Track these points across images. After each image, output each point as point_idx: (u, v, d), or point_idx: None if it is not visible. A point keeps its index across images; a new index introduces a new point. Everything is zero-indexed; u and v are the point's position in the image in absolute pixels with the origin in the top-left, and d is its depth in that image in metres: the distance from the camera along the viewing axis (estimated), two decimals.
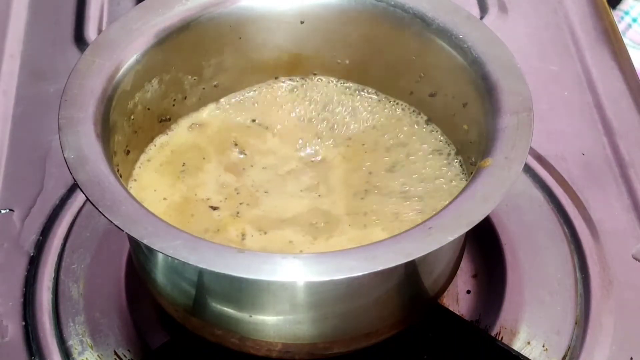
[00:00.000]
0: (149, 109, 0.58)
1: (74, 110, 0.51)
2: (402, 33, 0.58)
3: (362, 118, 0.61)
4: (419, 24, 0.57)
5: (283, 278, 0.44)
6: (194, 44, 0.58)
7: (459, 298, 0.61)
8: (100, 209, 0.46)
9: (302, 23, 0.60)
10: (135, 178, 0.57)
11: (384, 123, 0.61)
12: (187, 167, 0.58)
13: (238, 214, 0.55)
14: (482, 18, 0.81)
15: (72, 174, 0.47)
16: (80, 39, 0.79)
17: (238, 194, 0.57)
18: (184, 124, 0.60)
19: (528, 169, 0.68)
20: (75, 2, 0.83)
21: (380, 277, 0.49)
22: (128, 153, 0.56)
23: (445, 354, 0.57)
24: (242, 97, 0.62)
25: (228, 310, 0.51)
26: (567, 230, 0.65)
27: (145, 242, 0.45)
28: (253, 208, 0.56)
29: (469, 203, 0.47)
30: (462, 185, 0.54)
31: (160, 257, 0.51)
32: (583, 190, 0.67)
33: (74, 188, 0.66)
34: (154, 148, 0.59)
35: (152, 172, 0.57)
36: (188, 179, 0.57)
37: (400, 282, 0.51)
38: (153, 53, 0.56)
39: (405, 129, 0.60)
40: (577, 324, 0.59)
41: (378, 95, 0.62)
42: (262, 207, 0.56)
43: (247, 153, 0.59)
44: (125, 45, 0.55)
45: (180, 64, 0.58)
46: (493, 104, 0.52)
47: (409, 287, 0.52)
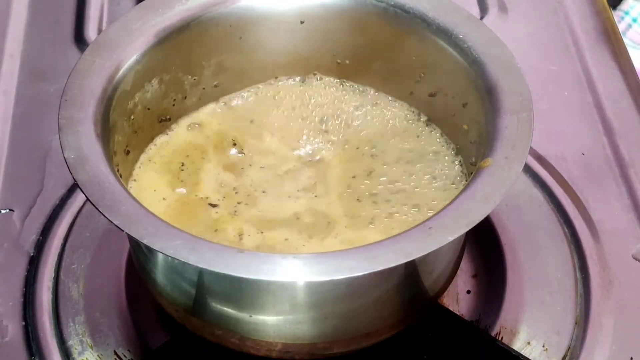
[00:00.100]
0: (149, 109, 0.57)
1: (74, 110, 0.51)
2: (402, 33, 0.58)
3: (361, 118, 0.61)
4: (419, 24, 0.57)
5: (283, 278, 0.44)
6: (194, 44, 0.58)
7: (459, 298, 0.61)
8: (100, 209, 0.46)
9: (302, 23, 0.60)
10: (135, 178, 0.57)
11: (384, 123, 0.61)
12: (186, 166, 0.58)
13: (236, 213, 0.55)
14: (482, 18, 0.81)
15: (72, 174, 0.47)
16: (80, 39, 0.79)
17: (236, 193, 0.57)
18: (184, 124, 0.60)
19: (528, 169, 0.68)
20: (75, 2, 0.83)
21: (380, 277, 0.49)
22: (128, 153, 0.56)
23: (445, 354, 0.57)
24: (242, 97, 0.62)
25: (228, 310, 0.51)
26: (567, 230, 0.65)
27: (145, 242, 0.45)
28: (251, 207, 0.56)
29: (469, 203, 0.47)
30: (462, 186, 0.54)
31: (160, 257, 0.51)
32: (583, 190, 0.67)
33: (74, 188, 0.66)
34: (154, 148, 0.59)
35: (152, 172, 0.57)
36: (187, 179, 0.57)
37: (400, 282, 0.51)
38: (153, 53, 0.56)
39: (405, 129, 0.60)
40: (577, 324, 0.59)
41: (378, 96, 0.62)
42: (259, 206, 0.56)
43: (245, 152, 0.59)
44: (125, 45, 0.55)
45: (180, 64, 0.58)
46: (493, 104, 0.52)
47: (409, 287, 0.52)
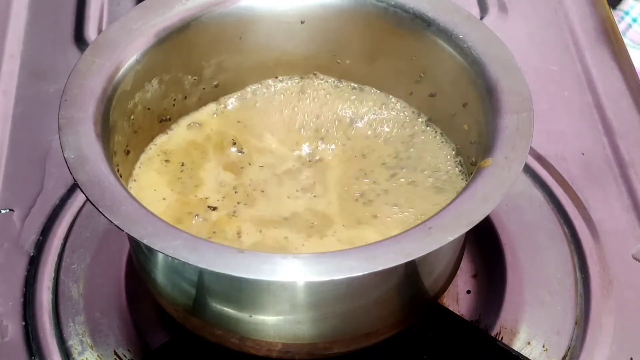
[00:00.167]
0: (149, 109, 0.57)
1: (74, 110, 0.51)
2: (402, 33, 0.58)
3: (361, 118, 0.61)
4: (419, 24, 0.57)
5: (283, 278, 0.44)
6: (194, 44, 0.58)
7: (459, 298, 0.61)
8: (100, 209, 0.46)
9: (302, 23, 0.60)
10: (135, 178, 0.57)
11: (384, 123, 0.61)
12: (186, 166, 0.58)
13: (235, 213, 0.55)
14: (482, 18, 0.81)
15: (72, 174, 0.47)
16: (80, 39, 0.79)
17: (236, 193, 0.57)
18: (184, 124, 0.60)
19: (528, 169, 0.68)
20: (75, 2, 0.83)
21: (380, 277, 0.49)
22: (128, 153, 0.56)
23: (445, 354, 0.57)
24: (242, 96, 0.62)
25: (228, 310, 0.51)
26: (567, 230, 0.65)
27: (145, 242, 0.45)
28: (250, 207, 0.56)
29: (469, 203, 0.47)
30: (462, 186, 0.54)
31: (160, 257, 0.51)
32: (583, 190, 0.67)
33: (74, 188, 0.66)
34: (154, 148, 0.59)
35: (152, 172, 0.57)
36: (187, 179, 0.57)
37: (400, 282, 0.51)
38: (153, 53, 0.56)
39: (405, 130, 0.60)
40: (577, 324, 0.59)
41: (378, 96, 0.62)
42: (258, 206, 0.56)
43: (245, 152, 0.59)
44: (125, 45, 0.55)
45: (180, 64, 0.58)
46: (493, 104, 0.52)
47: (409, 287, 0.52)
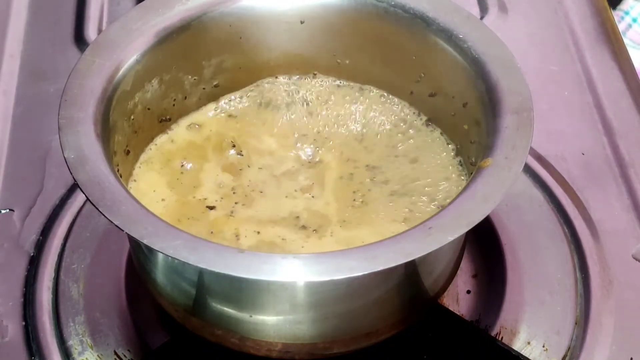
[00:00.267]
0: (149, 109, 0.57)
1: (74, 110, 0.51)
2: (402, 33, 0.58)
3: (361, 118, 0.61)
4: (420, 24, 0.57)
5: (283, 278, 0.44)
6: (194, 44, 0.58)
7: (459, 298, 0.61)
8: (100, 209, 0.46)
9: (302, 23, 0.60)
10: (135, 178, 0.57)
11: (384, 123, 0.61)
12: (185, 167, 0.58)
13: (232, 214, 0.55)
14: (482, 18, 0.81)
15: (72, 174, 0.47)
16: (80, 39, 0.79)
17: (234, 194, 0.57)
18: (184, 124, 0.60)
19: (528, 169, 0.68)
20: (75, 2, 0.83)
21: (380, 277, 0.49)
22: (128, 153, 0.56)
23: (445, 354, 0.57)
24: (241, 97, 0.62)
25: (228, 310, 0.51)
26: (567, 230, 0.65)
27: (145, 242, 0.45)
28: (248, 208, 0.56)
29: (469, 203, 0.47)
30: (462, 186, 0.54)
31: (160, 257, 0.51)
32: (583, 190, 0.67)
33: (74, 188, 0.66)
34: (154, 148, 0.59)
35: (151, 172, 0.57)
36: (186, 179, 0.57)
37: (400, 282, 0.51)
38: (153, 53, 0.56)
39: (405, 130, 0.60)
40: (577, 324, 0.59)
41: (377, 95, 0.62)
42: (256, 207, 0.56)
43: (244, 153, 0.59)
44: (125, 45, 0.55)
45: (180, 64, 0.58)
46: (493, 104, 0.52)
47: (409, 287, 0.52)
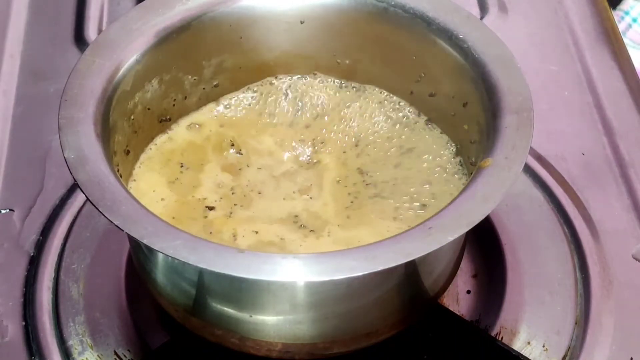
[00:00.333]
0: (149, 109, 0.57)
1: (74, 110, 0.51)
2: (402, 33, 0.58)
3: (361, 118, 0.61)
4: (419, 24, 0.57)
5: (283, 278, 0.44)
6: (194, 44, 0.58)
7: (459, 298, 0.61)
8: (100, 209, 0.46)
9: (302, 23, 0.60)
10: (135, 178, 0.57)
11: (384, 123, 0.61)
12: (185, 167, 0.58)
13: (231, 214, 0.55)
14: (482, 18, 0.81)
15: (72, 174, 0.47)
16: (80, 39, 0.79)
17: (233, 194, 0.57)
18: (184, 124, 0.60)
19: (528, 169, 0.68)
20: (75, 2, 0.83)
21: (380, 277, 0.49)
22: (128, 153, 0.56)
23: (445, 354, 0.57)
24: (241, 97, 0.62)
25: (228, 310, 0.51)
26: (567, 230, 0.65)
27: (145, 242, 0.45)
28: (246, 209, 0.56)
29: (469, 203, 0.47)
30: (462, 186, 0.54)
31: (160, 257, 0.51)
32: (583, 190, 0.67)
33: (74, 188, 0.66)
34: (154, 148, 0.59)
35: (151, 172, 0.57)
36: (186, 179, 0.57)
37: (400, 282, 0.51)
38: (153, 53, 0.56)
39: (405, 130, 0.60)
40: (577, 324, 0.59)
41: (377, 95, 0.62)
42: (254, 207, 0.56)
43: (243, 153, 0.59)
44: (125, 45, 0.55)
45: (180, 64, 0.58)
46: (493, 104, 0.52)
47: (409, 287, 0.52)
